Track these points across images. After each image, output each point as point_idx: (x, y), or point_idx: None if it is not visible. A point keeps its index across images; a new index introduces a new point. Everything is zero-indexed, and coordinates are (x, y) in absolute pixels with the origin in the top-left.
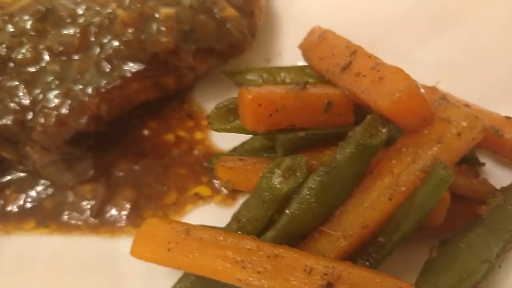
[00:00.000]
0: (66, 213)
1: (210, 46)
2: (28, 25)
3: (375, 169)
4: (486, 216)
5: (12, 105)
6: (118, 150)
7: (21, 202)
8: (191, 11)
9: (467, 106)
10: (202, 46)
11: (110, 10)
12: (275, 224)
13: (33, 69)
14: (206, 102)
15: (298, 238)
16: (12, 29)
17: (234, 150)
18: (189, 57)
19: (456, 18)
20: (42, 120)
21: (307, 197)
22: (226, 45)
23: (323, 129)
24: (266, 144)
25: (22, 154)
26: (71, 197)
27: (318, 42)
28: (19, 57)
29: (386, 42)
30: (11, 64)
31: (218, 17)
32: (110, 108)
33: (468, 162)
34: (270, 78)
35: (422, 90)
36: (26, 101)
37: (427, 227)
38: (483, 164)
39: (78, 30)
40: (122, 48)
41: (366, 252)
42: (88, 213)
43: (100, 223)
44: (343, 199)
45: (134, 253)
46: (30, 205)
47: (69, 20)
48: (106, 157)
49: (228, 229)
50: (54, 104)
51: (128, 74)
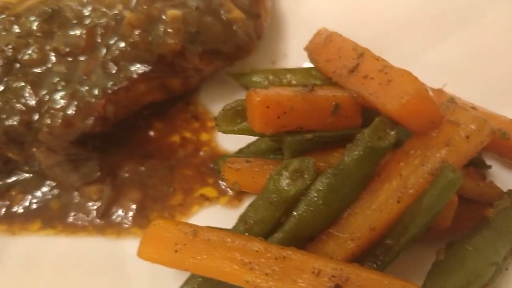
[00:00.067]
0: (72, 214)
1: (217, 48)
2: (34, 26)
3: (383, 171)
4: (493, 218)
5: (18, 106)
6: (124, 151)
7: (26, 203)
8: (198, 13)
9: (474, 108)
10: (209, 48)
11: (116, 12)
12: (283, 226)
13: (39, 70)
14: (212, 103)
15: (305, 240)
16: (18, 30)
17: (240, 152)
18: (195, 58)
19: (461, 20)
20: (48, 121)
21: (315, 199)
22: (232, 47)
23: (331, 131)
24: (272, 145)
25: (28, 155)
26: (77, 198)
27: (324, 44)
28: (25, 58)
29: (391, 44)
30: (17, 65)
31: (224, 19)
32: (116, 109)
33: (474, 164)
34: (276, 80)
35: (431, 93)
36: (32, 102)
37: (434, 229)
38: (490, 166)
39: (84, 31)
40: (129, 49)
41: (373, 254)
42: (94, 214)
43: (106, 224)
44: (351, 201)
45: (141, 254)
46: (35, 206)
47: (75, 21)
48: (111, 158)
49: (235, 230)
50: (60, 105)
51: (134, 76)
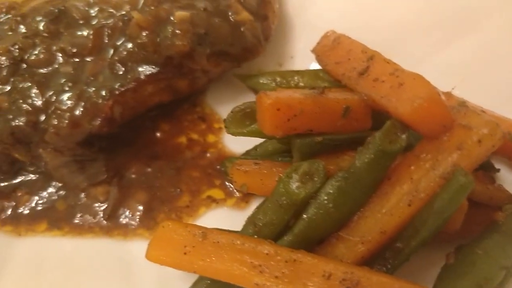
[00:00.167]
0: (78, 215)
1: (224, 50)
2: (40, 26)
3: (393, 174)
4: (502, 222)
5: (24, 106)
6: (130, 152)
7: (33, 203)
8: (206, 14)
9: (483, 112)
10: (216, 50)
11: (123, 12)
12: (292, 228)
13: (45, 70)
14: (218, 104)
15: (314, 243)
16: (24, 30)
17: (247, 154)
18: (203, 60)
19: (469, 23)
20: (55, 121)
21: (325, 202)
22: (240, 48)
23: (341, 134)
24: (280, 147)
25: (35, 155)
26: (84, 199)
27: (332, 46)
28: (32, 58)
29: (398, 47)
30: (24, 65)
31: (232, 20)
32: (124, 110)
33: (483, 168)
34: (283, 82)
35: (443, 97)
36: (39, 102)
37: (444, 233)
38: (498, 170)
39: (91, 32)
40: (136, 50)
41: (383, 257)
42: (100, 215)
43: (112, 226)
44: (361, 205)
45: (149, 256)
46: (42, 207)
47: (81, 21)
48: (118, 159)
49: (244, 233)
50: (67, 106)
51: (142, 77)
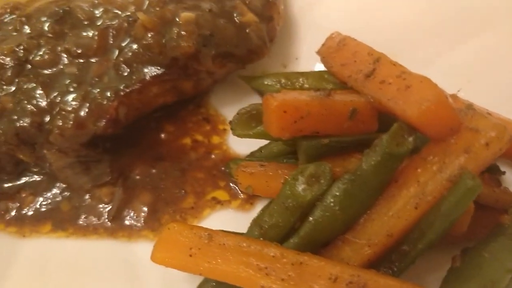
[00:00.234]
0: (83, 216)
1: (229, 51)
2: (45, 26)
3: (400, 177)
4: (508, 225)
5: (29, 107)
6: (135, 153)
7: (37, 204)
8: (211, 16)
9: (489, 114)
10: (221, 51)
11: (128, 13)
12: (298, 231)
13: (50, 71)
14: (223, 106)
15: (320, 245)
16: (28, 30)
17: (252, 155)
18: (208, 61)
19: (476, 26)
20: (60, 122)
21: (331, 204)
22: (245, 50)
23: (347, 136)
24: (285, 149)
25: (39, 156)
26: (88, 200)
27: (338, 48)
28: (37, 59)
29: (403, 49)
30: (28, 66)
31: (237, 22)
32: (128, 111)
33: (489, 170)
34: (288, 83)
35: (450, 100)
36: (44, 103)
37: (450, 235)
38: (504, 172)
39: (96, 33)
40: (141, 51)
41: (389, 260)
42: (105, 216)
43: (117, 227)
44: (367, 207)
45: (154, 258)
46: (46, 208)
47: (86, 22)
48: (123, 160)
49: (249, 235)
50: (71, 106)
51: (147, 78)
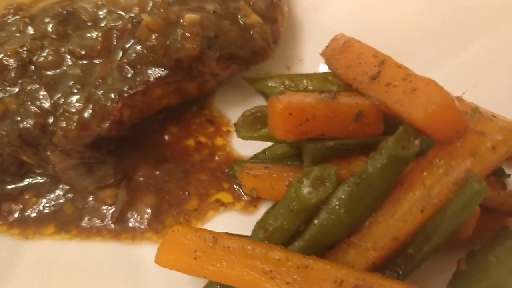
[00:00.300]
0: (86, 218)
1: (234, 53)
2: (49, 27)
3: (406, 180)
4: None
5: (33, 108)
6: (138, 155)
7: (40, 206)
8: (215, 17)
9: (495, 117)
10: (226, 53)
11: (132, 14)
12: (303, 234)
13: (54, 72)
14: (227, 107)
15: (325, 248)
16: (32, 31)
17: (256, 157)
18: (212, 63)
19: (481, 29)
20: (63, 124)
21: (337, 207)
22: (249, 51)
23: (352, 139)
24: (289, 151)
25: (42, 158)
26: (91, 202)
27: (342, 50)
28: (40, 60)
29: (407, 51)
30: (32, 67)
31: (242, 23)
32: (132, 113)
33: (494, 173)
34: (292, 85)
35: (457, 103)
36: (47, 104)
37: (455, 239)
38: (509, 175)
39: (100, 34)
40: (145, 53)
41: (394, 263)
42: (108, 218)
43: (120, 229)
44: (373, 210)
45: (158, 261)
46: (49, 209)
47: (90, 23)
48: (126, 161)
49: (254, 238)
50: (75, 108)
51: (151, 80)
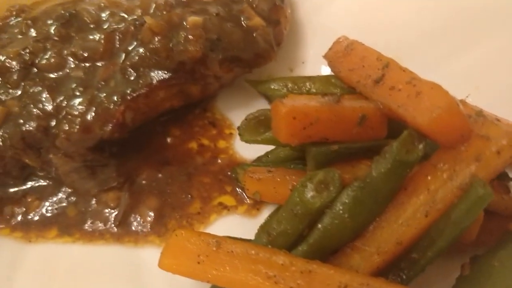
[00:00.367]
0: (89, 221)
1: (236, 55)
2: (51, 30)
3: (410, 184)
4: None
5: (35, 111)
6: (141, 158)
7: (43, 209)
8: (218, 20)
9: (498, 120)
10: (229, 55)
11: (135, 17)
12: (307, 238)
13: (56, 75)
14: (229, 110)
15: (329, 253)
16: (35, 33)
17: (259, 160)
18: (215, 66)
19: (483, 30)
20: (66, 127)
21: (340, 212)
22: (252, 54)
23: (356, 142)
24: (292, 154)
25: (45, 161)
26: (94, 205)
27: (346, 52)
28: (43, 62)
29: (410, 53)
30: (34, 69)
31: (245, 26)
32: (135, 115)
33: (498, 177)
34: (295, 88)
35: (461, 107)
36: (50, 107)
37: (458, 243)
38: None
39: (102, 36)
40: (148, 55)
41: (398, 267)
42: (111, 221)
43: (123, 232)
44: (377, 215)
45: (162, 265)
46: (52, 212)
47: (92, 25)
48: (129, 164)
49: (257, 242)
50: (78, 111)
51: (154, 82)
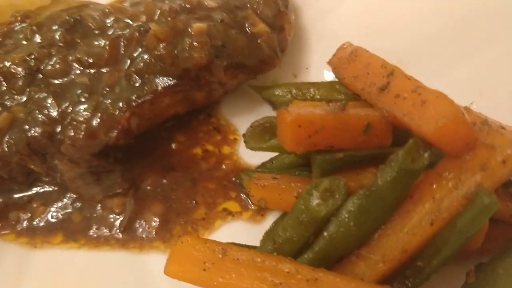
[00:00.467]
0: (94, 227)
1: (241, 62)
2: (56, 35)
3: (415, 192)
4: None
5: (40, 117)
6: (146, 164)
7: (48, 215)
8: (223, 26)
9: (503, 127)
10: (233, 62)
11: (140, 23)
12: (312, 246)
13: (61, 81)
14: (234, 116)
15: (334, 260)
16: (40, 39)
17: (263, 166)
18: (220, 72)
19: (487, 37)
20: (71, 133)
21: (346, 220)
22: (257, 60)
23: (361, 150)
24: (296, 161)
25: (50, 166)
26: (99, 211)
27: (350, 59)
28: (48, 68)
29: (414, 60)
30: (40, 75)
31: (249, 32)
32: (140, 122)
33: (503, 185)
34: (299, 94)
35: (467, 116)
36: (55, 113)
37: (463, 250)
38: None
39: (107, 42)
40: (153, 62)
41: (403, 275)
42: (116, 227)
43: (128, 238)
44: (382, 223)
45: (167, 271)
46: (57, 218)
47: (97, 31)
48: (134, 170)
49: (263, 249)
50: (83, 117)
51: (159, 89)
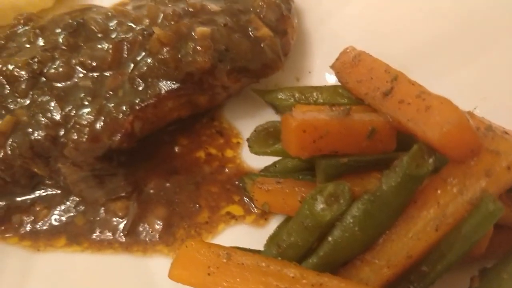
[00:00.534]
0: (98, 230)
1: (244, 66)
2: (59, 39)
3: (420, 198)
4: None
5: (44, 120)
6: (149, 167)
7: (51, 218)
8: (226, 30)
9: (506, 133)
10: (237, 66)
11: (143, 26)
12: (317, 251)
13: (65, 84)
14: (236, 119)
15: (339, 265)
16: (43, 43)
17: (266, 170)
18: (223, 76)
19: (490, 41)
20: (75, 136)
21: (351, 225)
22: (260, 64)
23: (366, 155)
24: (299, 165)
25: (53, 170)
26: (103, 214)
27: (353, 63)
28: (51, 71)
29: (417, 64)
30: (43, 78)
31: (252, 36)
32: (144, 125)
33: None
34: (302, 98)
35: (471, 122)
36: (58, 116)
37: (467, 255)
38: None
39: (110, 46)
40: (157, 65)
41: (408, 280)
42: (120, 231)
43: (132, 242)
44: (387, 228)
45: (171, 275)
46: (60, 221)
47: (100, 35)
48: (137, 173)
49: (267, 254)
50: (86, 120)
51: (162, 92)
